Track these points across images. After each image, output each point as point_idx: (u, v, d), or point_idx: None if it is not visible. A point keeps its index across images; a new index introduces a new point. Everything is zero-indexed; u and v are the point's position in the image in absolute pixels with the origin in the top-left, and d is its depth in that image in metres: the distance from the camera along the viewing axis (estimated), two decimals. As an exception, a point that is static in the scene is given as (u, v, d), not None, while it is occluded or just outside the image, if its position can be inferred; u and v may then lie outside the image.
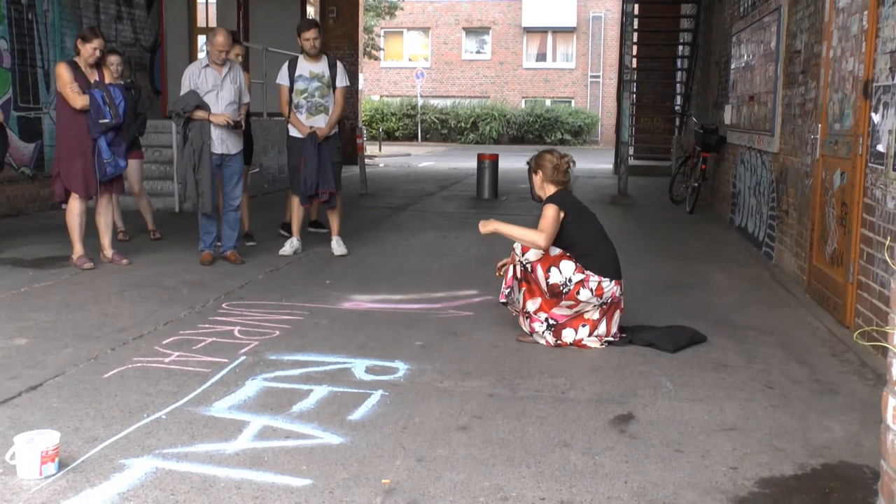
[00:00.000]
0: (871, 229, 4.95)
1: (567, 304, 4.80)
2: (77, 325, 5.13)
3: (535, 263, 4.83)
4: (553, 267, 4.80)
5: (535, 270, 4.82)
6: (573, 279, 4.77)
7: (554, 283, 4.77)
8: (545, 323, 4.85)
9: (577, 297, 4.77)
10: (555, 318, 4.84)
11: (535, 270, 4.83)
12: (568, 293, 4.77)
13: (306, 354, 4.64)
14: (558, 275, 4.78)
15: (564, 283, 4.77)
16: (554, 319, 4.84)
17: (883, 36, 4.90)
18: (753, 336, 5.19)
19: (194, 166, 6.90)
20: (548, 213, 4.82)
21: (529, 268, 4.84)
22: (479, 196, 12.98)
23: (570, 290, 4.77)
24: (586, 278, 4.77)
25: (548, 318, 4.84)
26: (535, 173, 5.06)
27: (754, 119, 8.96)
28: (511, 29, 36.99)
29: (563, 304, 4.80)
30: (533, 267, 4.83)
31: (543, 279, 4.80)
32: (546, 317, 4.85)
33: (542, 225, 4.80)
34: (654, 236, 9.28)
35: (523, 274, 4.89)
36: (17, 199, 9.90)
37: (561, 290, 4.77)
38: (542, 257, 4.83)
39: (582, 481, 3.11)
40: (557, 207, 4.84)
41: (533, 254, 4.84)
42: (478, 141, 34.18)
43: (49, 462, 3.05)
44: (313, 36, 7.37)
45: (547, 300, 4.82)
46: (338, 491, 3.00)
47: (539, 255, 4.84)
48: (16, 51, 9.84)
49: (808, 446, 3.49)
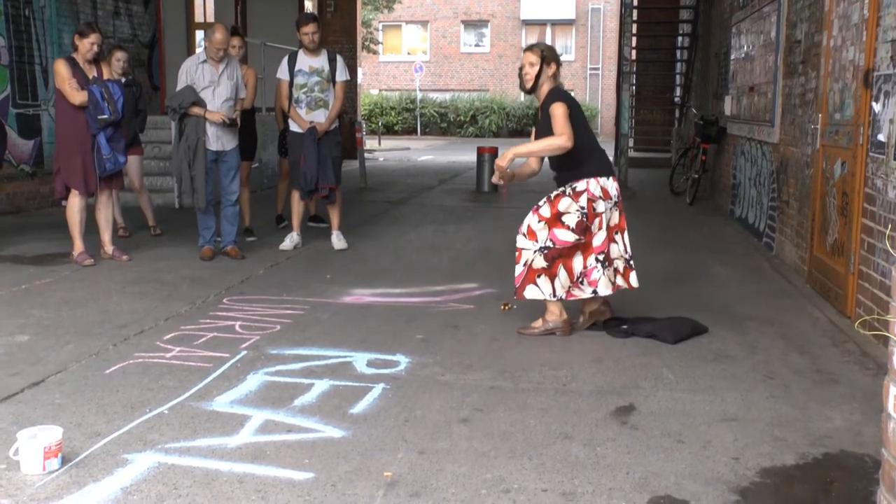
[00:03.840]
0: (872, 219, 4.95)
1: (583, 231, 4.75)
2: (78, 322, 5.13)
3: (550, 235, 4.74)
4: (560, 219, 4.73)
5: (555, 237, 4.74)
6: (582, 205, 4.71)
7: (577, 223, 4.71)
8: (543, 243, 4.76)
9: (596, 211, 4.73)
10: (553, 241, 4.76)
11: (554, 239, 4.74)
12: (588, 217, 4.72)
13: (307, 349, 4.64)
14: (570, 217, 4.72)
15: (581, 214, 4.71)
16: (552, 241, 4.76)
17: (884, 25, 4.89)
18: (754, 327, 5.19)
19: (189, 162, 6.90)
20: (559, 111, 4.71)
21: (550, 244, 4.75)
22: (479, 189, 12.97)
23: (587, 214, 4.71)
24: (588, 192, 4.72)
25: (547, 239, 4.76)
26: (549, 65, 4.88)
27: (754, 110, 8.94)
28: (510, 22, 36.93)
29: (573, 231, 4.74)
30: (552, 239, 4.74)
31: (566, 232, 4.72)
32: (546, 236, 4.76)
33: (559, 127, 4.69)
34: (655, 228, 9.27)
35: (550, 255, 4.77)
36: (16, 197, 9.90)
37: (585, 224, 4.72)
38: (547, 225, 4.75)
39: (584, 473, 3.12)
40: (565, 105, 4.76)
41: (541, 235, 4.76)
42: (477, 134, 34.14)
43: (52, 457, 3.05)
44: (312, 30, 7.35)
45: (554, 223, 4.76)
46: (340, 484, 3.00)
47: (545, 227, 4.75)
48: (13, 47, 9.83)
49: (809, 436, 3.50)
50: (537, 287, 4.84)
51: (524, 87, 4.97)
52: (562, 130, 4.70)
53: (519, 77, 5.02)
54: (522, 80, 4.96)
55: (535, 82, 4.91)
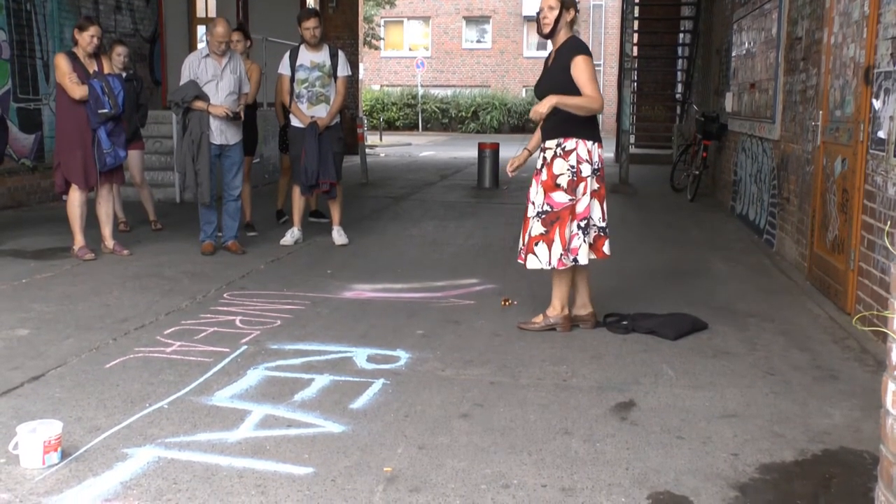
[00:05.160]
0: (872, 216, 4.94)
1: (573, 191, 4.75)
2: (79, 316, 5.14)
3: (547, 199, 4.74)
4: (556, 182, 4.73)
5: (551, 200, 4.73)
6: (572, 164, 4.71)
7: (568, 182, 4.70)
8: (540, 207, 4.76)
9: (583, 174, 4.72)
10: (550, 204, 4.75)
11: (551, 202, 4.73)
12: (577, 177, 4.71)
13: (308, 344, 4.65)
14: (562, 178, 4.72)
15: (571, 173, 4.70)
16: (549, 205, 4.75)
17: (884, 22, 4.88)
18: (754, 323, 5.19)
19: (193, 157, 6.89)
20: (587, 69, 4.67)
21: (548, 207, 4.74)
22: (480, 185, 12.96)
23: (576, 173, 4.71)
24: (576, 152, 4.71)
25: (544, 203, 4.76)
26: (568, 10, 4.81)
27: (755, 106, 8.94)
28: (511, 18, 36.88)
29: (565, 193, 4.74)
30: (548, 202, 4.74)
31: (561, 193, 4.71)
32: (543, 200, 4.76)
33: (590, 87, 4.65)
34: (656, 224, 9.27)
35: (549, 219, 4.75)
36: (17, 191, 9.90)
37: (575, 183, 4.72)
38: (544, 188, 4.76)
39: (583, 468, 3.12)
40: (591, 60, 4.71)
41: (537, 199, 4.78)
42: (479, 130, 34.12)
43: (52, 451, 3.06)
44: (313, 25, 7.34)
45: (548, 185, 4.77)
46: (340, 479, 3.01)
47: (541, 191, 4.77)
48: (14, 42, 9.82)
49: (808, 432, 3.50)
50: (536, 256, 4.79)
51: (541, 31, 4.86)
52: (593, 92, 4.66)
53: (536, 21, 4.93)
54: (540, 23, 4.86)
55: (554, 27, 4.80)
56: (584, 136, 4.77)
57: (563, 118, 4.74)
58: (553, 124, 4.80)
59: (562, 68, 4.78)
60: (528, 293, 5.79)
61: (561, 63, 4.80)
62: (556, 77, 4.81)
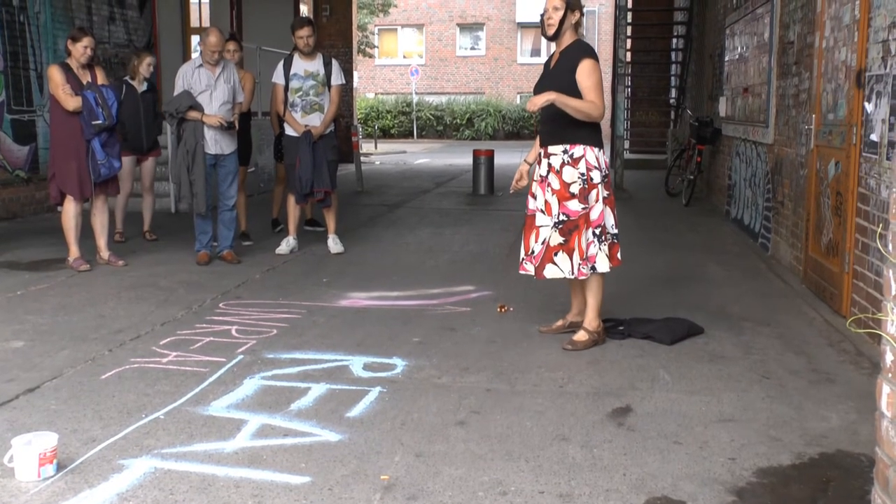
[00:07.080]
0: (866, 218, 4.96)
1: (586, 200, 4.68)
2: (74, 327, 5.12)
3: (562, 208, 4.65)
4: (569, 190, 4.63)
5: (567, 209, 4.64)
6: (582, 172, 4.62)
7: (580, 190, 4.61)
8: (557, 217, 4.66)
9: (593, 181, 4.64)
10: (567, 213, 4.65)
11: (567, 211, 4.64)
12: (588, 185, 4.63)
13: (304, 352, 4.64)
14: (575, 186, 4.62)
15: (582, 181, 4.61)
16: (566, 214, 4.64)
17: (875, 25, 4.90)
18: (750, 327, 5.20)
19: (188, 167, 6.89)
20: (594, 74, 4.56)
21: (564, 217, 4.64)
22: (475, 192, 12.98)
23: (587, 180, 4.62)
24: (585, 159, 4.63)
25: (560, 213, 4.65)
26: (573, 11, 4.66)
27: (749, 111, 8.96)
28: (505, 24, 36.96)
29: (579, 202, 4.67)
30: (564, 212, 4.64)
31: (575, 202, 4.62)
32: (559, 210, 4.65)
33: (594, 94, 4.53)
34: (651, 229, 9.28)
35: (566, 228, 4.64)
36: (12, 203, 9.89)
37: (587, 191, 4.63)
38: (558, 197, 4.65)
39: (581, 474, 3.12)
40: (598, 66, 4.60)
41: (555, 209, 4.69)
42: (473, 137, 34.14)
43: (47, 464, 3.04)
44: (307, 34, 7.35)
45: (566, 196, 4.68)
46: (337, 488, 3.00)
47: (556, 200, 4.67)
48: (8, 53, 9.81)
49: (805, 436, 3.50)
50: (556, 265, 4.68)
51: (546, 32, 4.72)
52: (597, 98, 4.53)
53: (540, 23, 4.80)
54: (544, 25, 4.71)
55: (559, 28, 4.66)
56: (590, 143, 4.67)
57: (565, 123, 4.62)
58: (554, 129, 4.70)
59: (567, 70, 4.66)
60: (524, 300, 5.79)
61: (566, 65, 4.68)
62: (560, 78, 4.67)
